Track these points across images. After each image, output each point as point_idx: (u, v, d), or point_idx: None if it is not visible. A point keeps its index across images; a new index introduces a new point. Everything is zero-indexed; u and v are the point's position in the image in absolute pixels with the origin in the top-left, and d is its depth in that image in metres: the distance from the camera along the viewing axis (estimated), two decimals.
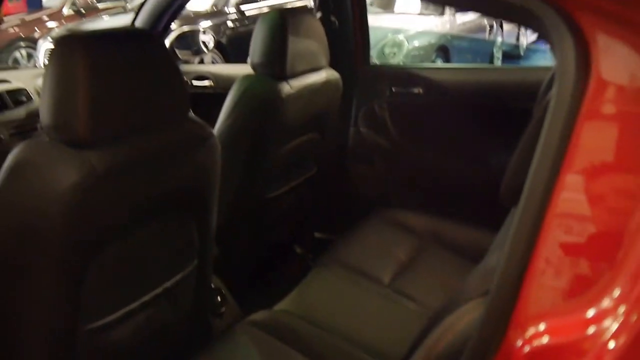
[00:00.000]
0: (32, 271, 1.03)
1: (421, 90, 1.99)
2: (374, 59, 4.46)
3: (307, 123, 1.82)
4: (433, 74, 2.01)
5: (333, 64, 1.87)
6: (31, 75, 2.14)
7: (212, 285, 1.73)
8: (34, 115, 1.94)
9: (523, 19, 0.60)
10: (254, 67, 1.70)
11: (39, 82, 2.10)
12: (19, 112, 1.93)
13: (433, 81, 1.98)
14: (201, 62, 2.78)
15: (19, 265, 1.02)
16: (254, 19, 5.92)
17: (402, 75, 2.06)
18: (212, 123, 1.85)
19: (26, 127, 1.91)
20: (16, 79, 2.04)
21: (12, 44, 6.63)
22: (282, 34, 1.63)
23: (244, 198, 1.77)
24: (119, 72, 1.05)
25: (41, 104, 1.02)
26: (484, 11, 0.84)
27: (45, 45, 5.34)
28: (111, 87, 1.02)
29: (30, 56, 6.58)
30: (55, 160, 1.00)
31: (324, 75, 1.83)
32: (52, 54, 1.00)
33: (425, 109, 2.01)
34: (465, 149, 1.94)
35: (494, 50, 6.45)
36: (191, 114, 1.25)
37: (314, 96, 1.79)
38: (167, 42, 2.54)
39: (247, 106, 1.67)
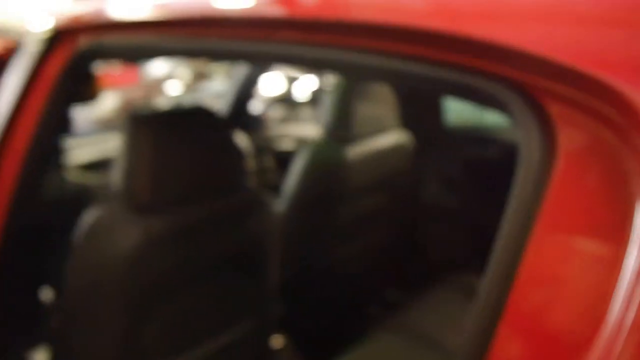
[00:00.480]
0: (97, 322, 1.14)
1: (496, 151, 1.96)
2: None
3: (377, 185, 1.86)
4: (510, 134, 1.98)
5: (408, 124, 1.91)
6: None
7: (279, 345, 1.78)
8: None
9: (487, 103, 0.61)
10: (323, 130, 1.78)
11: None
12: None
13: (509, 142, 1.94)
14: None
15: (86, 315, 1.14)
16: None
17: (474, 135, 2.04)
18: None
19: None
20: None
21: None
22: (347, 99, 1.70)
23: (313, 259, 1.81)
24: (180, 148, 1.16)
25: (114, 173, 1.15)
26: (447, 93, 0.85)
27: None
28: (171, 161, 1.14)
29: None
30: (120, 224, 1.11)
31: (393, 137, 1.87)
32: (124, 130, 1.13)
33: (500, 168, 1.96)
34: None
35: None
36: (248, 182, 1.35)
37: (381, 159, 1.82)
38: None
39: (313, 169, 1.74)
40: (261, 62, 1.10)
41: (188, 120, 1.22)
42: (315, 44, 0.72)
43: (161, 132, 1.14)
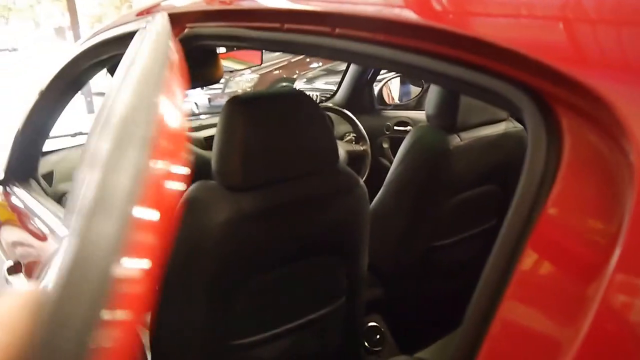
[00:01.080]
0: (191, 291, 1.27)
1: None
2: None
3: (483, 175, 1.83)
4: None
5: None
6: None
7: (372, 324, 1.84)
8: None
9: (502, 105, 0.62)
10: (427, 118, 1.79)
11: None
12: None
13: None
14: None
15: (181, 283, 1.28)
16: None
17: None
18: None
19: None
20: None
21: (275, 82, 7.67)
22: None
23: (410, 244, 1.84)
24: (272, 128, 1.25)
25: (212, 152, 1.27)
26: (463, 91, 0.84)
27: (298, 85, 6.01)
28: (263, 141, 1.23)
29: None
30: (214, 200, 1.23)
31: (503, 127, 1.82)
32: (222, 112, 1.25)
33: None
34: None
35: None
36: (341, 164, 1.40)
37: (489, 149, 1.79)
38: (378, 87, 2.77)
39: (416, 156, 1.75)
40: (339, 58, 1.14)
41: (281, 104, 1.29)
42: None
43: (253, 114, 1.23)
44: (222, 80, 6.31)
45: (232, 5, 1.06)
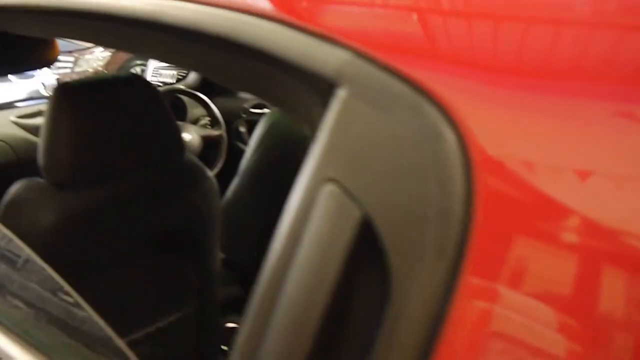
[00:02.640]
0: None
1: None
2: None
3: None
4: None
5: None
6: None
7: (231, 325, 1.75)
8: None
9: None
10: None
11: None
12: None
13: None
14: None
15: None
16: None
17: None
18: None
19: None
20: None
21: (129, 61, 7.23)
22: None
23: (268, 237, 1.77)
24: (104, 118, 1.11)
25: (38, 145, 1.10)
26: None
27: (153, 63, 5.71)
28: (94, 132, 1.09)
29: (143, 72, 7.13)
30: (40, 200, 1.08)
31: None
32: (49, 100, 1.09)
33: None
34: None
35: None
36: (188, 155, 1.29)
37: None
38: None
39: (272, 143, 1.68)
40: None
41: (115, 91, 1.16)
42: None
43: (82, 103, 1.10)
44: (72, 59, 5.85)
45: None
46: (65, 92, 1.09)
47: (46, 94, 2.62)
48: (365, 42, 0.41)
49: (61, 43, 1.37)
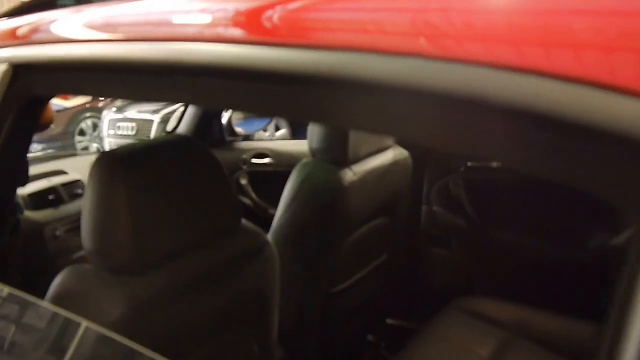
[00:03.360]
0: None
1: (498, 164, 1.86)
2: None
3: (375, 209, 1.73)
4: None
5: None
6: (88, 163, 2.17)
7: None
8: None
9: None
10: (313, 152, 1.64)
11: None
12: (75, 207, 1.94)
13: None
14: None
15: None
16: None
17: None
18: (274, 202, 1.80)
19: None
20: (73, 170, 2.08)
21: (79, 115, 7.00)
22: None
23: (310, 297, 1.68)
24: (162, 189, 1.01)
25: (83, 226, 0.99)
26: None
27: (109, 116, 5.56)
28: (155, 208, 0.99)
29: (95, 126, 6.91)
30: (100, 292, 0.96)
31: (391, 156, 1.75)
32: (92, 173, 0.98)
33: (506, 185, 1.87)
34: (556, 228, 1.78)
35: None
36: (244, 222, 1.20)
37: (381, 181, 1.70)
38: (226, 118, 2.56)
39: (307, 197, 1.60)
40: None
41: (169, 156, 1.06)
42: None
43: (136, 174, 0.99)
44: None
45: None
46: (112, 161, 0.98)
47: None
48: None
49: None
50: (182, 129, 2.60)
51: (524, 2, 0.46)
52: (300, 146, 2.39)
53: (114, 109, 5.62)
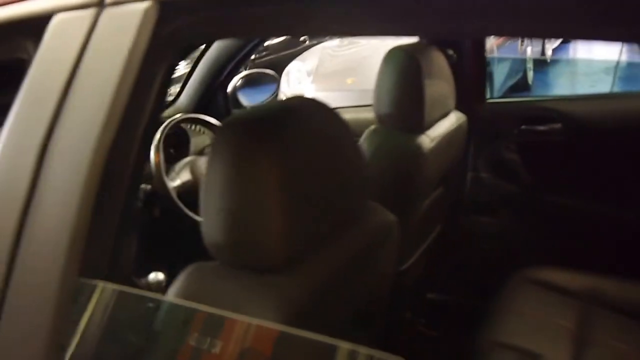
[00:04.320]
0: None
1: (559, 126, 1.78)
2: None
3: (439, 178, 1.62)
4: (572, 105, 1.81)
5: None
6: None
7: None
8: None
9: None
10: (381, 119, 1.49)
11: None
12: None
13: (573, 114, 1.77)
14: None
15: None
16: None
17: (532, 110, 1.85)
18: None
19: None
20: None
21: None
22: (417, 80, 1.42)
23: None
24: (307, 164, 0.84)
25: (206, 214, 0.80)
26: None
27: None
28: (304, 186, 0.82)
29: None
30: (246, 297, 0.78)
31: (454, 119, 1.63)
32: (221, 143, 0.79)
33: (565, 148, 1.80)
34: (621, 192, 1.73)
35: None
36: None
37: (448, 147, 1.58)
38: (231, 87, 2.36)
39: (384, 166, 1.45)
40: None
41: (303, 121, 0.88)
42: None
43: (279, 142, 0.81)
44: None
45: None
46: (248, 129, 0.80)
47: None
48: None
49: None
50: (181, 102, 2.38)
51: None
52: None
53: None
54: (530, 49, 6.29)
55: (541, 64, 6.95)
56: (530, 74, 6.22)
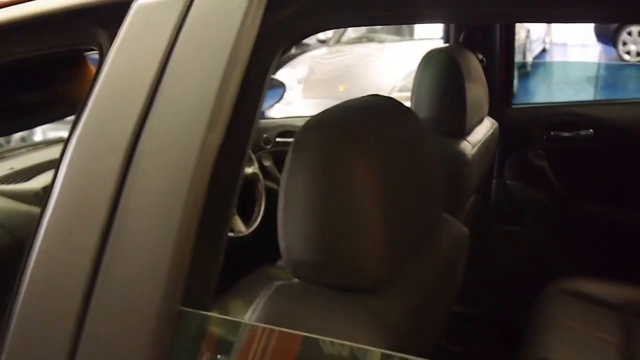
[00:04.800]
0: None
1: (591, 132, 1.74)
2: None
3: (477, 185, 1.56)
4: (604, 110, 1.77)
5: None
6: None
7: None
8: None
9: None
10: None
11: None
12: None
13: (606, 119, 1.73)
14: None
15: None
16: None
17: (562, 116, 1.81)
18: None
19: None
20: None
21: None
22: (460, 82, 1.36)
23: None
24: (396, 172, 0.76)
25: (287, 228, 0.72)
26: None
27: None
28: (397, 196, 0.74)
29: None
30: (341, 319, 0.70)
31: (489, 124, 1.58)
32: (306, 147, 0.71)
33: (598, 155, 1.76)
34: None
35: None
36: None
37: (486, 153, 1.53)
38: None
39: None
40: None
41: (386, 123, 0.81)
42: None
43: (370, 146, 0.73)
44: None
45: None
46: (336, 132, 0.72)
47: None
48: None
49: None
50: None
51: None
52: None
53: None
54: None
55: (524, 71, 7.01)
56: (515, 82, 6.24)
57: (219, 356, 0.58)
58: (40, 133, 2.38)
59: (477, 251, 1.89)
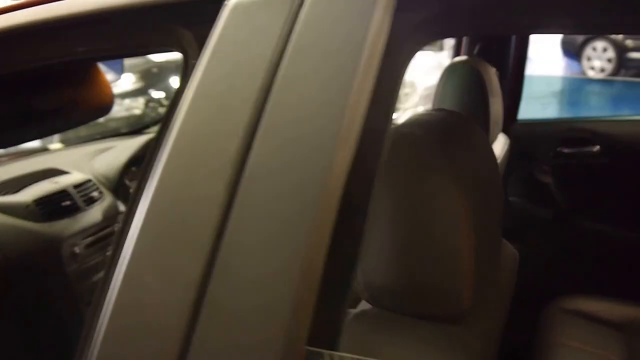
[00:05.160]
0: None
1: (598, 148, 1.72)
2: None
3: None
4: (612, 127, 1.77)
5: None
6: (85, 155, 1.71)
7: None
8: (110, 217, 1.53)
9: None
10: None
11: (98, 163, 1.69)
12: (93, 215, 1.50)
13: (614, 136, 1.72)
14: None
15: None
16: None
17: (569, 131, 1.79)
18: None
19: (104, 235, 1.49)
20: (73, 167, 1.61)
21: None
22: (484, 95, 1.33)
23: None
24: (478, 191, 0.71)
25: (373, 253, 0.66)
26: None
27: None
28: (482, 217, 0.69)
29: None
30: (418, 347, 0.65)
31: (503, 140, 1.55)
32: (398, 164, 0.66)
33: (605, 171, 1.75)
34: None
35: None
36: None
37: (501, 166, 1.49)
38: None
39: None
40: None
41: (460, 140, 0.76)
42: None
43: (456, 165, 0.68)
44: None
45: None
46: (424, 146, 0.67)
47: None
48: None
49: None
50: None
51: None
52: None
53: None
54: None
55: None
56: None
57: None
58: None
59: None
